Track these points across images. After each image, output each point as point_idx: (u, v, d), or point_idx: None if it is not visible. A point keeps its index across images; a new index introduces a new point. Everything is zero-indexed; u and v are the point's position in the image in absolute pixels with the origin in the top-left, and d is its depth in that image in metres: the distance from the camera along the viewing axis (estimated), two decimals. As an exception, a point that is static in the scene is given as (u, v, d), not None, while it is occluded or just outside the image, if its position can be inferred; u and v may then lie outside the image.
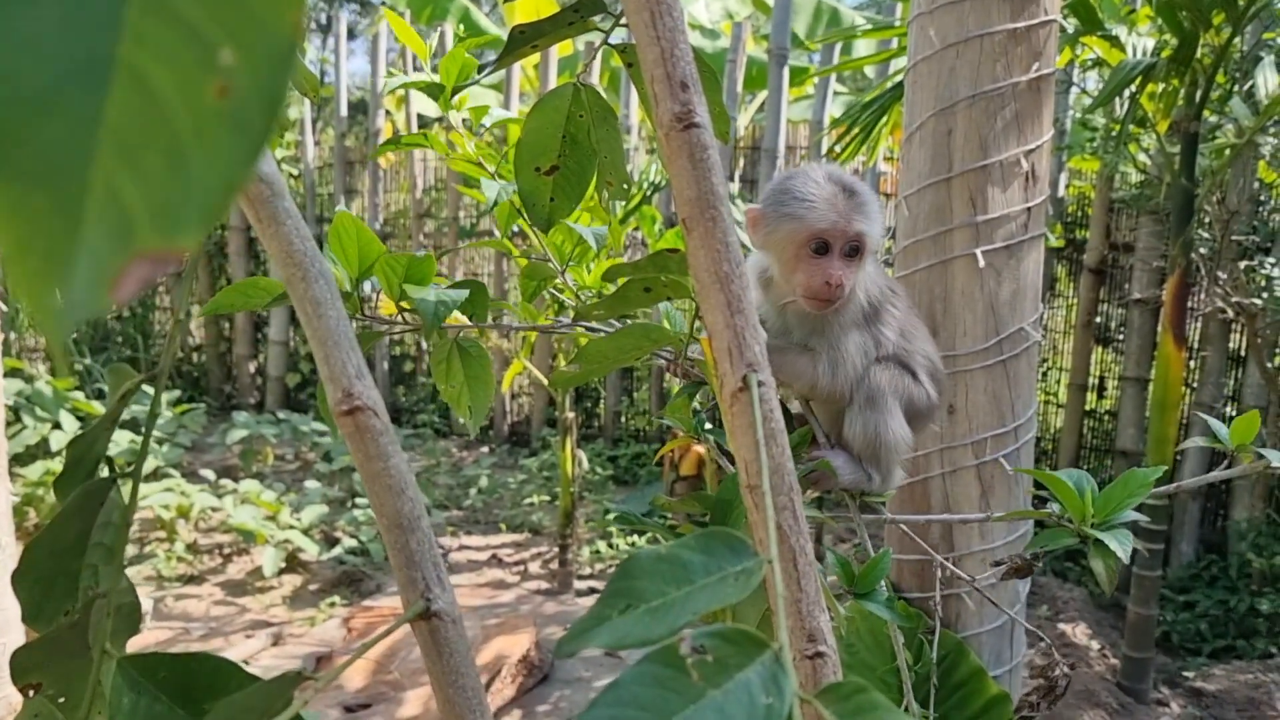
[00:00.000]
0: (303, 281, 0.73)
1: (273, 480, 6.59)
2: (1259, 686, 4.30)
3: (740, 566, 0.67)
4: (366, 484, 0.73)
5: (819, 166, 1.44)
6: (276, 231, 0.73)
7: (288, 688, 0.60)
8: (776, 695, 0.59)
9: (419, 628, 0.71)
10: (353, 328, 0.74)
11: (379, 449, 0.72)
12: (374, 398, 0.72)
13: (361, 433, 0.72)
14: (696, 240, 0.78)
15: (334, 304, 0.72)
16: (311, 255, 0.73)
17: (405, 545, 0.71)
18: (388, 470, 0.72)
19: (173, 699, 0.65)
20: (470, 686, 0.72)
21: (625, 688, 0.58)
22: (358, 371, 0.72)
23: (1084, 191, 6.55)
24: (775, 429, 0.78)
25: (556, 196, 1.24)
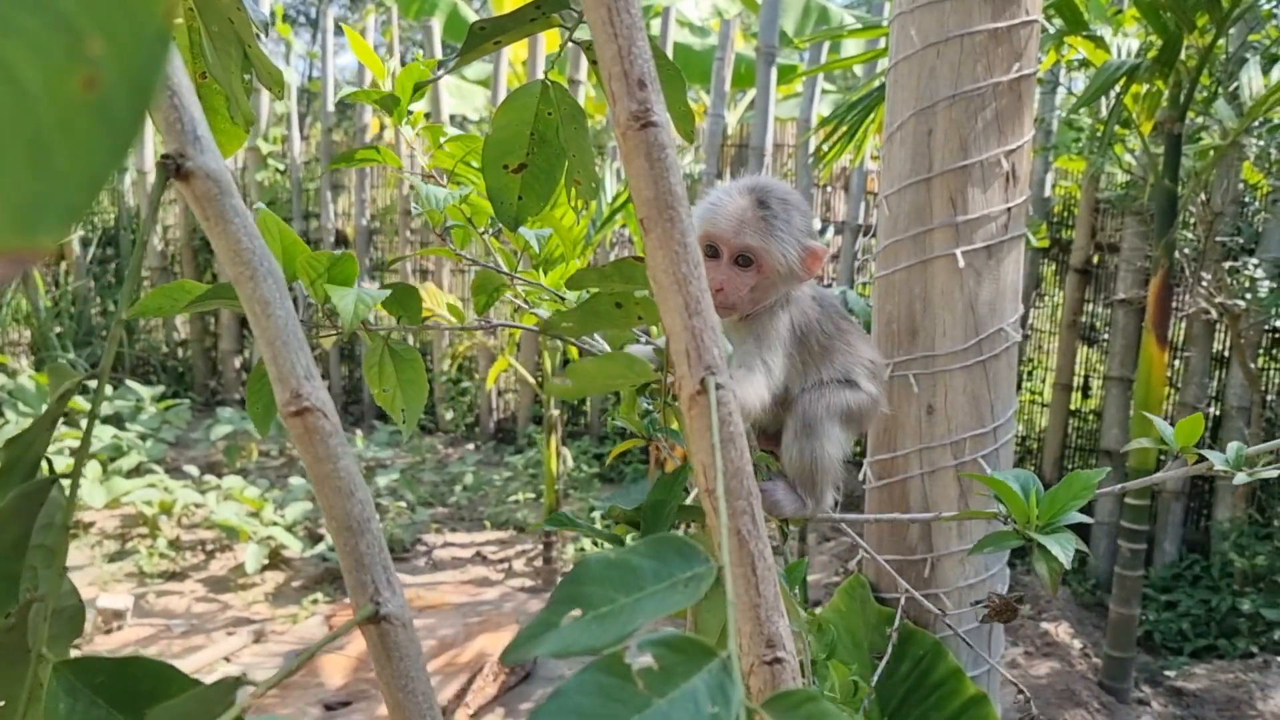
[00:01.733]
0: (251, 281, 0.71)
1: (256, 476, 6.56)
2: (1240, 686, 4.32)
3: (691, 572, 0.66)
4: (315, 486, 0.71)
5: (757, 178, 1.46)
6: (224, 230, 0.72)
7: (226, 693, 0.58)
8: (723, 705, 0.58)
9: (368, 631, 0.70)
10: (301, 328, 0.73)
11: (328, 450, 0.71)
12: (323, 398, 0.71)
13: (310, 434, 0.70)
14: (655, 241, 0.77)
15: (282, 303, 0.71)
16: (260, 254, 0.72)
17: (354, 548, 0.70)
18: (337, 472, 0.71)
19: (111, 704, 0.64)
20: (420, 690, 0.71)
21: (568, 696, 0.57)
22: (306, 372, 0.71)
23: (1070, 192, 6.56)
24: (733, 432, 0.76)
25: (525, 195, 1.23)
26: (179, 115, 0.70)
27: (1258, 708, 4.18)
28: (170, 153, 0.69)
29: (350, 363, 8.42)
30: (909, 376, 2.23)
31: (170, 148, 0.69)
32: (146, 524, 5.71)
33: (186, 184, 0.69)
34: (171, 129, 0.69)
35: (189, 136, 0.70)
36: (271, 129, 8.53)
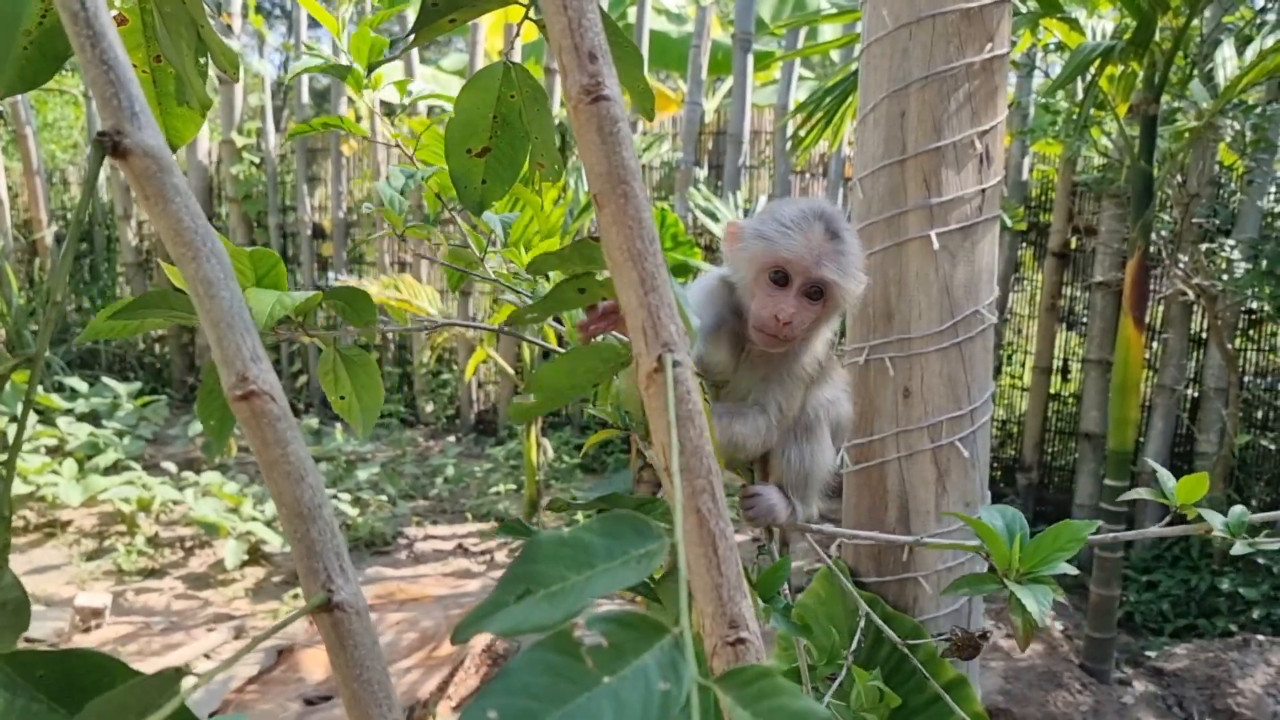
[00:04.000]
0: (193, 261, 0.69)
1: (236, 472, 6.52)
2: (1219, 665, 4.35)
3: (644, 549, 0.64)
4: (265, 472, 0.70)
5: (818, 201, 1.40)
6: (165, 209, 0.69)
7: (169, 684, 0.57)
8: (675, 681, 0.57)
9: (321, 620, 0.68)
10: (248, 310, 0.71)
11: (276, 435, 0.69)
12: (270, 382, 0.69)
13: (258, 418, 0.68)
14: (608, 217, 0.75)
15: (227, 284, 0.69)
16: (203, 233, 0.70)
17: (306, 535, 0.68)
18: (286, 457, 0.69)
19: (52, 698, 0.62)
20: (376, 680, 0.69)
21: (516, 675, 0.56)
22: (253, 354, 0.69)
23: (1048, 175, 6.58)
24: (692, 410, 0.75)
25: (489, 179, 1.21)
26: (115, 91, 0.68)
27: (1237, 685, 4.21)
28: (107, 129, 0.67)
29: (330, 356, 8.38)
30: (885, 359, 2.23)
31: (107, 124, 0.67)
32: (124, 521, 5.67)
33: (124, 162, 0.67)
34: (108, 105, 0.67)
35: (126, 113, 0.67)
36: (247, 123, 8.46)
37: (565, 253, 1.05)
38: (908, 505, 2.22)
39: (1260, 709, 4.08)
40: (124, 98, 0.68)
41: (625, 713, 0.55)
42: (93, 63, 0.67)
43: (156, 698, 0.56)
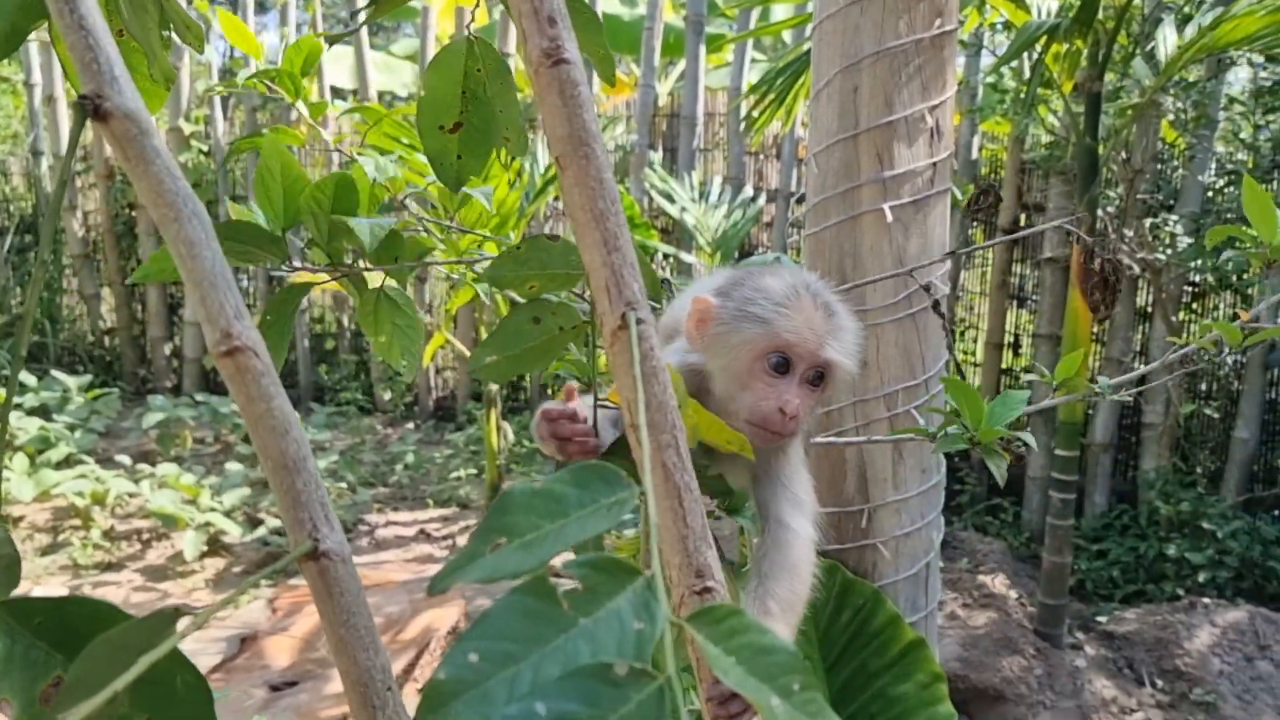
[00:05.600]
0: (175, 222, 0.71)
1: (192, 464, 6.45)
2: (1167, 627, 4.47)
3: (614, 497, 0.67)
4: (249, 426, 0.71)
5: (799, 272, 1.25)
6: (146, 171, 0.71)
7: (165, 624, 0.59)
8: (648, 621, 0.59)
9: (308, 568, 0.70)
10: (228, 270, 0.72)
11: (260, 390, 0.71)
12: (254, 338, 0.70)
13: (242, 374, 0.70)
14: (570, 178, 0.78)
15: (209, 244, 0.71)
16: (184, 195, 0.71)
17: (291, 486, 0.70)
18: (270, 411, 0.71)
19: (51, 644, 0.64)
20: (363, 625, 0.71)
21: (495, 620, 0.58)
22: (236, 312, 0.70)
23: (997, 154, 6.67)
24: (655, 367, 0.78)
25: (464, 154, 1.22)
26: (95, 55, 0.69)
27: (1184, 646, 4.33)
28: (88, 93, 0.68)
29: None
30: (841, 332, 2.27)
31: (87, 88, 0.68)
32: (79, 515, 5.60)
33: (105, 125, 0.69)
34: (88, 69, 0.68)
35: (106, 76, 0.69)
36: (194, 110, 8.35)
37: (520, 254, 1.06)
38: (866, 474, 2.27)
39: (1206, 667, 4.21)
40: (103, 61, 0.69)
41: (601, 652, 0.57)
42: (71, 28, 0.69)
43: (154, 637, 0.58)
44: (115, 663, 0.57)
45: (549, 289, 1.08)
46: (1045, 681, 4.20)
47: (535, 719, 0.52)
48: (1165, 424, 5.66)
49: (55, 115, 8.15)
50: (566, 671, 0.55)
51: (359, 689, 0.70)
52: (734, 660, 0.59)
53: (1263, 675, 4.23)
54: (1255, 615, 4.53)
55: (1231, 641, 4.38)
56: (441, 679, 0.56)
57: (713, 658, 0.60)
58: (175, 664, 0.66)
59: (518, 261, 1.03)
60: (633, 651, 0.58)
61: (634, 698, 0.55)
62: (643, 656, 0.58)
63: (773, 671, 0.58)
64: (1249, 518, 5.33)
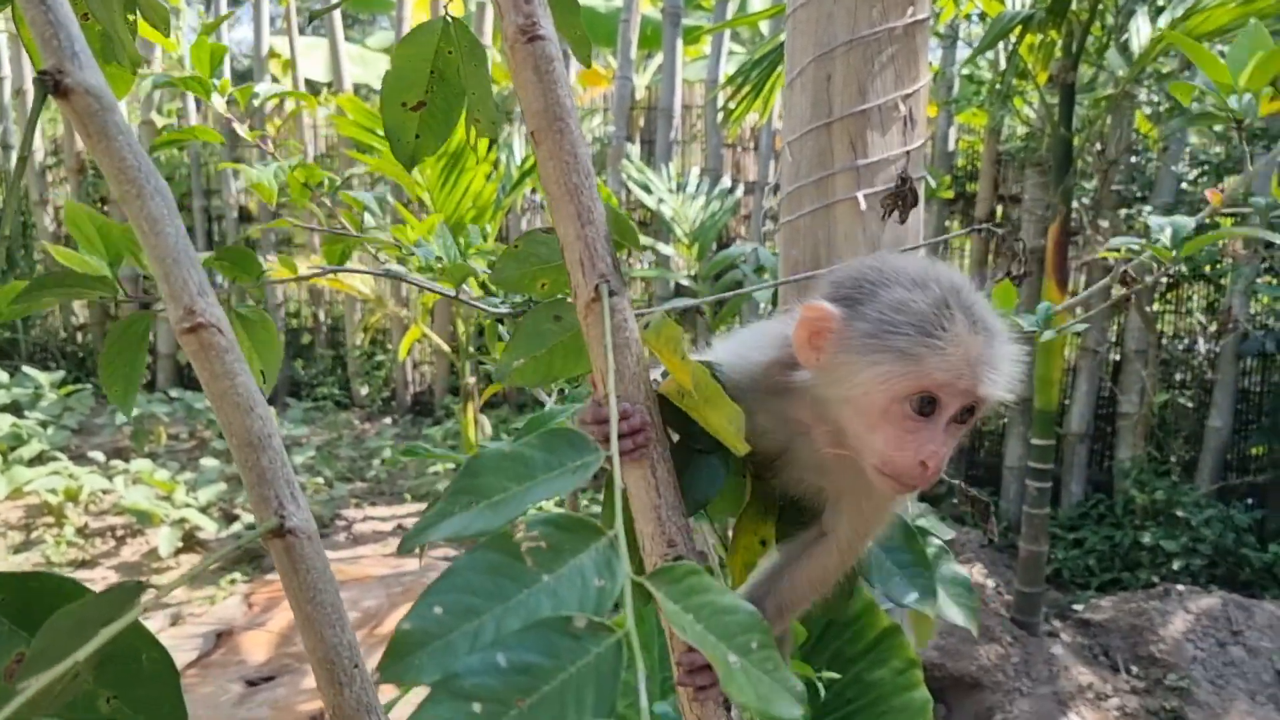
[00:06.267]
0: (138, 198, 0.70)
1: (166, 460, 6.41)
2: (1142, 614, 4.51)
3: (581, 460, 0.68)
4: (214, 403, 0.71)
5: (937, 270, 0.97)
6: (107, 147, 0.70)
7: (129, 597, 0.58)
8: (609, 578, 0.60)
9: (274, 545, 0.70)
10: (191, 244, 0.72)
11: (225, 367, 0.70)
12: (218, 315, 0.70)
13: (206, 350, 0.70)
14: (545, 152, 0.78)
15: (172, 220, 0.70)
16: (146, 171, 0.71)
17: (257, 463, 0.70)
18: (235, 389, 0.70)
19: (14, 621, 0.63)
20: (329, 602, 0.71)
21: (460, 574, 0.59)
22: (199, 288, 0.70)
23: (973, 146, 6.70)
24: (629, 339, 0.78)
25: (422, 133, 1.21)
26: (55, 31, 0.68)
27: (1159, 633, 4.37)
28: (48, 69, 0.68)
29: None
30: (816, 319, 2.27)
31: (49, 64, 0.68)
32: (52, 513, 5.55)
33: (66, 101, 0.68)
34: (49, 45, 0.68)
35: (67, 52, 0.68)
36: (166, 104, 8.28)
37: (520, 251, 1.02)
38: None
39: (1180, 654, 4.25)
40: (64, 38, 0.69)
41: (563, 607, 0.59)
42: (32, 3, 0.68)
43: (116, 611, 0.57)
44: (76, 636, 0.56)
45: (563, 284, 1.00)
46: (1022, 669, 4.23)
47: (496, 669, 0.53)
48: (1140, 413, 5.71)
49: (24, 109, 8.06)
50: (527, 624, 0.56)
51: (325, 666, 0.69)
52: (692, 618, 0.60)
53: (1235, 661, 4.27)
54: (1228, 602, 4.57)
55: (1205, 628, 4.43)
56: (406, 630, 0.56)
57: (672, 614, 0.60)
58: (140, 641, 0.65)
59: (518, 260, 0.98)
60: (593, 607, 0.59)
61: (593, 650, 0.55)
62: (603, 612, 0.59)
63: (731, 630, 0.59)
64: (1222, 506, 5.39)
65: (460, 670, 0.54)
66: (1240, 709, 4.05)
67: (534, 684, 0.54)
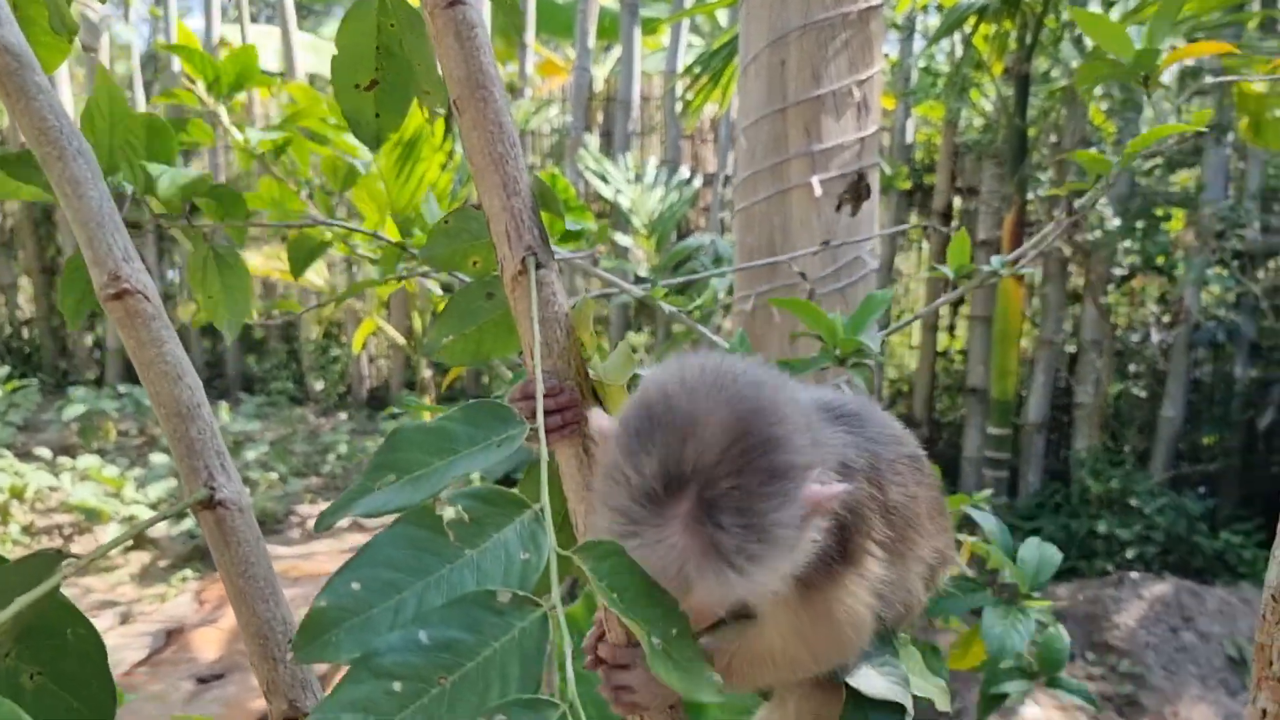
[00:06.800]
0: (59, 160, 0.67)
1: (115, 456, 6.29)
2: (1096, 601, 4.56)
3: (505, 434, 0.65)
4: (140, 372, 0.68)
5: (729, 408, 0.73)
6: (27, 106, 0.67)
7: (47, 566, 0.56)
8: (535, 552, 0.59)
9: (204, 517, 0.68)
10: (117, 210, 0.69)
11: (151, 334, 0.68)
12: (144, 281, 0.67)
13: (132, 317, 0.67)
14: (469, 121, 0.75)
15: (95, 183, 0.67)
16: (68, 133, 0.68)
17: (185, 434, 0.68)
18: (162, 356, 0.68)
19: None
20: (261, 575, 0.69)
21: (379, 549, 0.57)
22: (125, 254, 0.67)
23: (931, 138, 6.73)
24: (557, 312, 0.76)
25: (381, 112, 1.18)
26: (-33, -12, 0.65)
27: (1113, 620, 4.42)
28: (-41, 26, 0.65)
29: (213, 337, 8.15)
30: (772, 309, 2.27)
31: (-40, 22, 0.65)
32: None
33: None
34: (-40, 3, 0.65)
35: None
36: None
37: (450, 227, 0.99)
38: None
39: (1134, 640, 4.30)
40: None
41: (487, 582, 0.57)
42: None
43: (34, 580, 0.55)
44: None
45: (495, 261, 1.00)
46: (978, 656, 4.26)
47: (418, 646, 0.51)
48: (1095, 404, 5.77)
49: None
50: (450, 600, 0.54)
51: (258, 640, 0.67)
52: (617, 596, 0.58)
53: (1187, 646, 4.33)
54: (1180, 589, 4.63)
55: (1158, 614, 4.48)
56: (322, 607, 0.54)
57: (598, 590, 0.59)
58: (65, 616, 0.63)
59: (449, 236, 0.95)
60: (518, 581, 0.57)
61: (517, 625, 0.54)
62: (528, 586, 0.57)
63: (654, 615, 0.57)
64: (1175, 494, 5.46)
65: (380, 648, 0.52)
66: (1192, 693, 4.10)
67: (457, 661, 0.52)
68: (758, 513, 0.69)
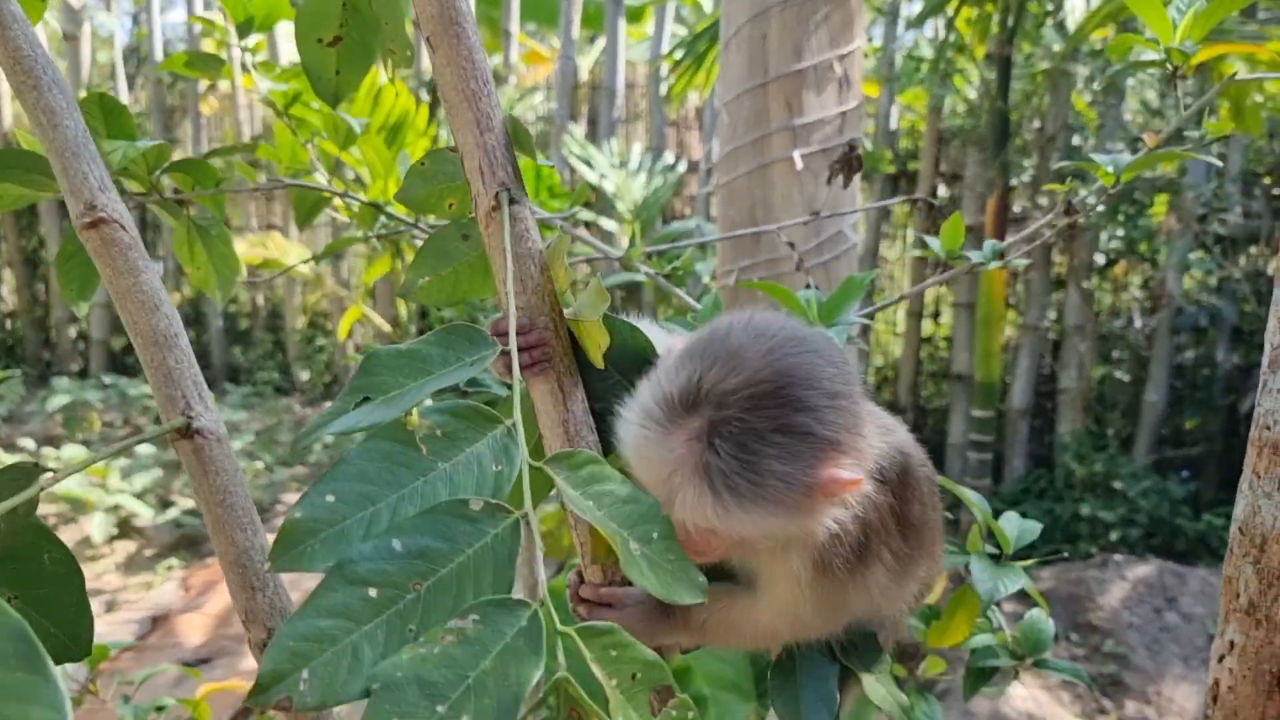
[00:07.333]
0: (34, 90, 0.68)
1: (100, 447, 6.27)
2: (1080, 583, 4.59)
3: (477, 355, 0.66)
4: (117, 301, 0.68)
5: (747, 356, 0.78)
6: (3, 35, 0.67)
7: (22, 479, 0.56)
8: (507, 464, 0.59)
9: (181, 446, 0.68)
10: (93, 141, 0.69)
11: (128, 263, 0.68)
12: (120, 210, 0.68)
13: (108, 246, 0.67)
14: (442, 58, 0.75)
15: (70, 113, 0.67)
16: (43, 62, 0.68)
17: (163, 363, 0.68)
18: (139, 286, 0.68)
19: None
20: (240, 505, 0.69)
21: (353, 463, 0.57)
22: (100, 183, 0.67)
23: (915, 125, 6.75)
24: (530, 249, 0.76)
25: (342, 68, 1.18)
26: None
27: (1097, 601, 4.45)
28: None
29: (197, 327, 8.13)
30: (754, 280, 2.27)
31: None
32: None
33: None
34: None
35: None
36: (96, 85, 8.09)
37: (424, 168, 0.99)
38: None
39: (1117, 621, 4.34)
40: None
41: (460, 493, 0.58)
42: None
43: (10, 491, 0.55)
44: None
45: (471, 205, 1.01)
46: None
47: (392, 554, 0.52)
48: (1079, 388, 5.80)
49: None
50: (424, 509, 0.55)
51: (237, 570, 0.68)
52: (593, 505, 0.59)
53: (1170, 626, 4.37)
54: (1163, 570, 4.67)
55: (1141, 595, 4.52)
56: (297, 518, 0.55)
57: (573, 499, 0.59)
58: (41, 540, 0.63)
59: (425, 178, 0.95)
60: (491, 493, 0.57)
61: (490, 531, 0.54)
62: (500, 498, 0.58)
63: (632, 519, 0.58)
64: (1159, 478, 5.50)
65: (355, 556, 0.53)
66: (1175, 673, 4.14)
67: (431, 567, 0.53)
68: (756, 454, 0.74)
